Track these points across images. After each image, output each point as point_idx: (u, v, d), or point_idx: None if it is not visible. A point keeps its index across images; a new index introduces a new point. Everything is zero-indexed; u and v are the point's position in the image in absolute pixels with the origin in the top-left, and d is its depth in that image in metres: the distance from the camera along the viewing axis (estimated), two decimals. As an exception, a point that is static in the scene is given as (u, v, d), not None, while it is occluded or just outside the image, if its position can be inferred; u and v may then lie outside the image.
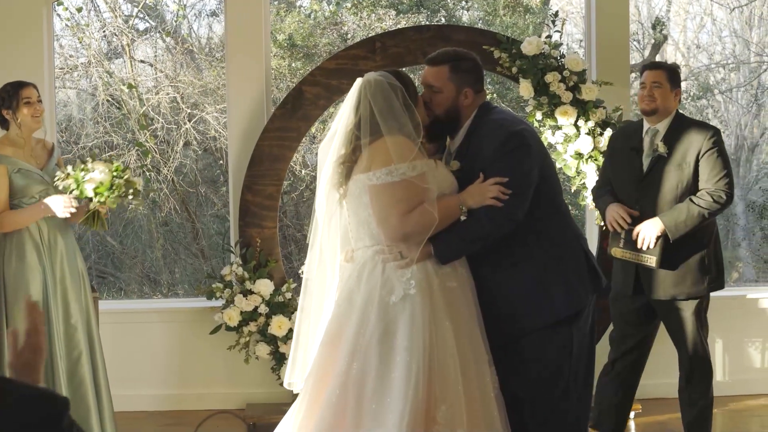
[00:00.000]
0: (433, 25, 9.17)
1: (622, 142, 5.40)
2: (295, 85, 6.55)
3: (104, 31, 10.43)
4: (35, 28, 6.47)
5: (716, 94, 12.06)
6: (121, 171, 4.94)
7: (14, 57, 6.37)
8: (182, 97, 10.19)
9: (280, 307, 6.21)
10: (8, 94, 5.03)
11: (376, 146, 3.80)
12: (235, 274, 6.24)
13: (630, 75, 7.08)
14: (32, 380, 2.30)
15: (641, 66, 5.62)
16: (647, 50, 11.89)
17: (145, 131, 9.65)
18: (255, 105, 6.54)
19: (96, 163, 4.91)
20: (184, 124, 10.08)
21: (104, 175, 4.87)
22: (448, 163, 4.06)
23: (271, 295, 6.21)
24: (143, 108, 9.77)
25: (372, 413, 3.65)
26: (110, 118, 10.23)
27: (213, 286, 6.27)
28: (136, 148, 9.84)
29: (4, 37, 6.41)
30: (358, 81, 3.92)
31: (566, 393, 4.00)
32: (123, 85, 10.02)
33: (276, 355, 6.22)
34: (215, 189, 10.80)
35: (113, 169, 4.91)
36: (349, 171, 3.86)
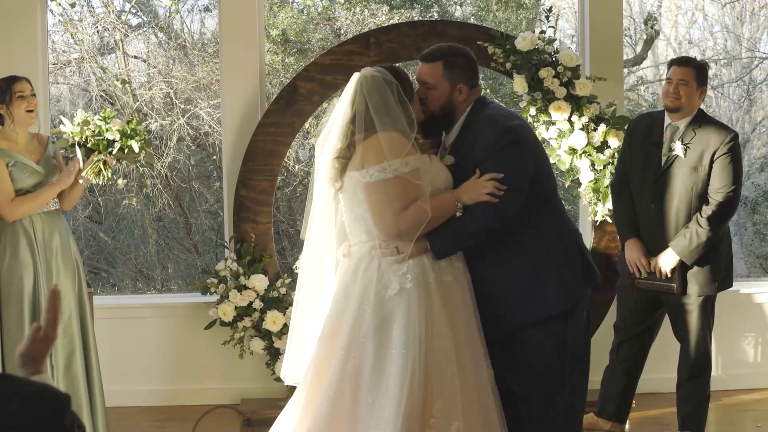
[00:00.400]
0: (427, 20, 9.17)
1: (641, 134, 5.39)
2: (290, 80, 6.54)
3: (97, 27, 10.41)
4: (29, 23, 6.46)
5: (708, 89, 12.08)
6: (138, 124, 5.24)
7: (8, 53, 6.36)
8: (175, 93, 10.17)
9: (275, 302, 6.21)
10: (1, 89, 5.02)
11: (370, 143, 3.82)
12: (230, 269, 6.24)
13: (623, 70, 7.09)
14: (37, 370, 2.31)
15: (669, 60, 5.60)
16: (639, 45, 11.90)
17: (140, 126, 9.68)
18: (249, 100, 6.54)
19: (113, 121, 5.16)
20: (178, 119, 10.07)
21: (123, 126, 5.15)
22: (442, 158, 4.08)
23: (266, 290, 6.22)
24: (136, 104, 9.75)
25: (369, 406, 3.67)
26: (104, 114, 10.19)
27: (207, 281, 6.27)
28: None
29: (-3, 32, 6.41)
30: (355, 76, 3.94)
31: (561, 387, 4.02)
32: (117, 81, 10.00)
33: (270, 350, 6.23)
34: (208, 184, 10.79)
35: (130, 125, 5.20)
36: (344, 166, 3.88)
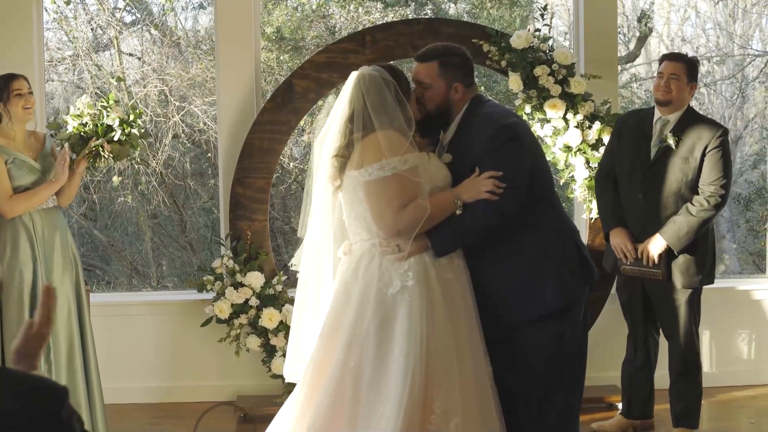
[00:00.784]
0: (423, 18, 9.18)
1: (631, 128, 5.48)
2: (285, 78, 6.55)
3: (91, 24, 10.40)
4: (25, 20, 6.45)
5: (701, 86, 12.11)
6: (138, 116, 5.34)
7: (3, 50, 6.36)
8: (170, 90, 10.17)
9: (271, 299, 6.22)
10: None
11: (368, 142, 3.84)
12: (226, 266, 6.25)
13: (618, 68, 7.11)
14: (32, 366, 2.32)
15: (660, 55, 5.69)
16: (632, 43, 11.92)
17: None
18: (245, 98, 6.55)
19: (114, 108, 5.25)
20: (173, 116, 10.07)
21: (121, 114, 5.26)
22: (440, 156, 4.10)
23: (262, 287, 6.22)
24: (131, 101, 9.74)
25: (369, 403, 3.69)
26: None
27: (204, 278, 6.28)
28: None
29: (-7, 30, 6.41)
30: (353, 74, 3.96)
31: (559, 384, 4.04)
32: (112, 78, 10.00)
33: (267, 348, 6.24)
34: (203, 182, 10.80)
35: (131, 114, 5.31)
36: (343, 165, 3.91)
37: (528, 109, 6.21)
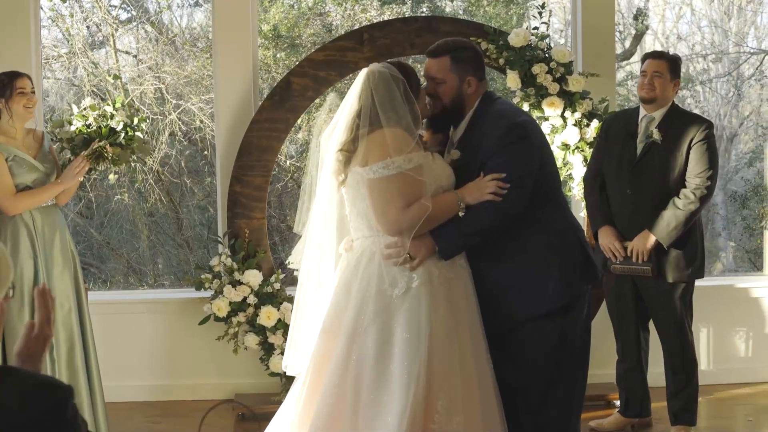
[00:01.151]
0: (421, 16, 9.18)
1: (617, 127, 5.56)
2: (282, 75, 6.55)
3: (87, 22, 10.38)
4: (22, 18, 6.43)
5: (696, 84, 12.13)
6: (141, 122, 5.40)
7: (0, 48, 6.35)
8: (166, 88, 10.16)
9: (269, 297, 6.22)
10: (2, 84, 5.03)
11: (374, 138, 3.84)
12: (224, 264, 6.25)
13: (615, 66, 7.12)
14: (35, 368, 2.32)
15: (643, 54, 5.76)
16: (628, 40, 11.93)
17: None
18: (242, 96, 6.54)
19: (119, 111, 5.29)
20: (169, 114, 10.06)
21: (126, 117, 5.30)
22: (450, 152, 4.10)
23: (260, 285, 6.22)
24: (128, 99, 9.73)
25: (371, 403, 3.69)
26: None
27: (202, 276, 6.27)
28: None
29: (-10, 27, 6.39)
30: (363, 71, 3.98)
31: (560, 382, 4.04)
32: (108, 76, 9.98)
33: (265, 346, 6.24)
34: (199, 180, 10.79)
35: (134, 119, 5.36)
36: (348, 160, 3.91)
37: (526, 107, 6.22)
